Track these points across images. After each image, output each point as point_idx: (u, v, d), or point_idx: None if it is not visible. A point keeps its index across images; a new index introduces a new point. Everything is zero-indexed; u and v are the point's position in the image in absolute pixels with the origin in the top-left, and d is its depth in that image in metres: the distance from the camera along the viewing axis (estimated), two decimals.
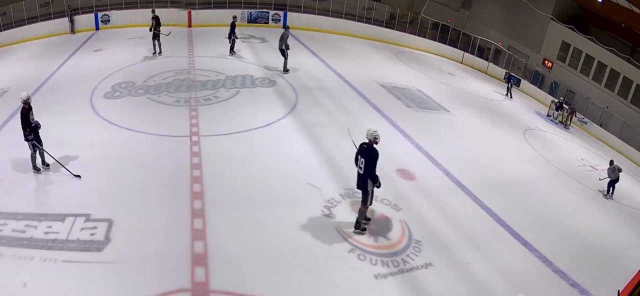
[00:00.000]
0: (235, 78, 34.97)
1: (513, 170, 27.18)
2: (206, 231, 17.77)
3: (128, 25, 53.00)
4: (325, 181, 21.83)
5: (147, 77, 34.29)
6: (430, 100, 35.29)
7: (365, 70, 40.00)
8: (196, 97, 30.91)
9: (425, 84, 39.62)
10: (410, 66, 43.54)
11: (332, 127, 27.74)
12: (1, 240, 17.16)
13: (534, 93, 50.08)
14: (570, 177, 29.59)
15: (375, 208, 19.73)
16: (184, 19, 53.70)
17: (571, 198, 26.56)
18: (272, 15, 55.72)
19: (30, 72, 37.58)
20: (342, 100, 32.47)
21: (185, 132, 25.93)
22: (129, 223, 18.21)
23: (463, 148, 28.02)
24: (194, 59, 39.92)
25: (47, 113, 28.16)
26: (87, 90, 32.06)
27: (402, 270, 16.48)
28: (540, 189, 25.97)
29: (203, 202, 19.66)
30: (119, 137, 25.64)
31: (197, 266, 15.98)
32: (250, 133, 26.33)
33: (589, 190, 28.63)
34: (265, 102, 30.89)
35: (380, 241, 17.85)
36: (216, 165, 22.74)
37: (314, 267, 16.30)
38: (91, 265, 16.03)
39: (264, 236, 17.80)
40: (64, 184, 21.26)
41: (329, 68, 39.94)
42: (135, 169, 22.46)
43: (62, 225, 17.95)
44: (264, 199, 20.15)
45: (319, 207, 19.64)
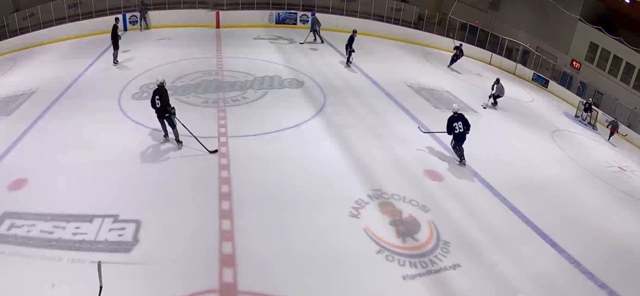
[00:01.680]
0: (263, 79, 35.08)
1: (541, 171, 26.90)
2: (234, 232, 17.86)
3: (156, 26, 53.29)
4: (353, 182, 21.81)
5: (175, 78, 34.50)
6: (458, 101, 35.03)
7: (393, 71, 39.96)
8: (224, 97, 31.09)
9: (453, 85, 39.48)
10: (438, 67, 43.42)
11: (360, 128, 27.69)
12: (29, 241, 17.42)
13: (562, 94, 49.47)
14: (599, 178, 29.14)
15: (403, 209, 19.77)
16: (212, 20, 53.83)
17: (600, 200, 26.15)
18: (300, 16, 55.68)
19: (59, 73, 37.91)
20: (370, 101, 32.42)
21: (214, 132, 26.07)
22: (157, 224, 18.38)
23: (491, 149, 27.91)
24: (222, 59, 39.97)
25: (76, 114, 28.86)
26: (115, 91, 32.38)
27: (430, 270, 16.46)
28: (568, 190, 25.66)
29: (231, 202, 19.74)
30: (147, 137, 25.80)
31: (225, 267, 16.06)
32: (278, 134, 26.39)
33: (618, 191, 28.07)
34: (293, 103, 30.97)
35: (408, 242, 17.84)
36: (244, 166, 22.83)
37: (342, 268, 16.31)
38: (119, 265, 16.20)
39: (292, 237, 17.85)
40: (92, 185, 21.40)
41: (357, 69, 39.86)
42: (164, 170, 22.69)
43: (90, 225, 18.16)
44: (291, 200, 20.19)
45: (347, 208, 19.62)
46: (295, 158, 23.99)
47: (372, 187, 21.30)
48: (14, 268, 16.25)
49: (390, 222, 18.95)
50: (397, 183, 21.79)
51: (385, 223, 18.86)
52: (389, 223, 18.91)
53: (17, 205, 19.96)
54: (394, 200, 20.42)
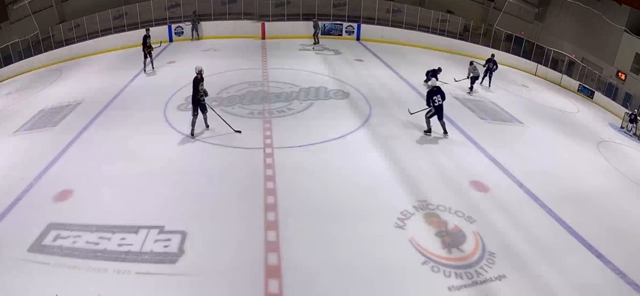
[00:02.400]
0: (309, 90, 35.25)
1: (587, 182, 26.38)
2: (280, 243, 17.90)
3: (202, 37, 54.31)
4: (398, 193, 21.74)
5: (220, 89, 34.91)
6: (504, 111, 34.90)
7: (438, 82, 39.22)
8: (270, 109, 31.33)
9: (498, 96, 39.17)
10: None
11: (405, 139, 27.67)
12: (75, 252, 17.70)
13: (607, 105, 48.71)
14: None
15: (449, 220, 19.73)
16: (257, 31, 54.73)
17: None
18: (346, 27, 56.13)
19: (104, 84, 38.76)
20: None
21: (259, 144, 26.28)
22: (203, 235, 18.55)
23: (536, 159, 27.52)
24: (267, 70, 40.34)
25: (121, 125, 29.43)
26: (160, 102, 32.90)
27: (476, 281, 16.37)
28: (614, 201, 25.07)
29: (277, 213, 19.81)
30: (193, 148, 26.18)
31: (271, 279, 16.11)
32: (324, 145, 26.51)
33: None
34: (339, 114, 31.09)
35: (454, 253, 17.76)
36: (290, 177, 22.91)
37: (387, 280, 16.28)
38: (165, 277, 16.41)
39: (337, 248, 17.85)
40: (138, 196, 21.69)
41: (402, 80, 39.90)
42: (209, 181, 22.83)
43: (136, 237, 18.39)
44: (337, 211, 20.21)
45: (393, 219, 19.56)
46: (341, 169, 24.07)
47: (417, 198, 21.23)
48: (60, 279, 16.49)
49: (435, 233, 18.88)
50: (442, 194, 21.69)
51: (430, 234, 18.79)
52: (434, 234, 18.84)
53: (63, 216, 20.28)
54: (440, 211, 20.34)
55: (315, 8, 56.76)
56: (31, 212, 21.13)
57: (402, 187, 22.29)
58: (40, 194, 22.60)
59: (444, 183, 23.02)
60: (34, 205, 21.74)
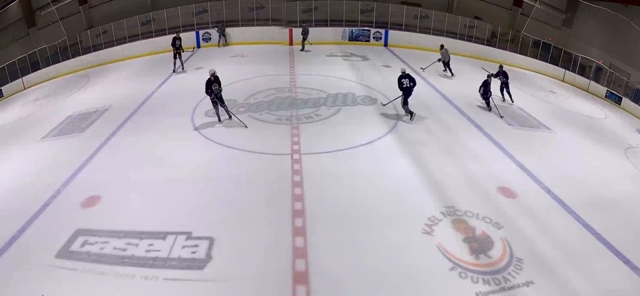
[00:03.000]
0: (336, 96, 35.33)
1: (614, 188, 26.04)
2: (307, 250, 17.98)
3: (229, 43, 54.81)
4: (426, 199, 21.72)
5: (248, 95, 35.20)
6: (531, 117, 34.65)
7: (466, 88, 39.57)
8: (297, 115, 31.44)
9: (526, 102, 38.91)
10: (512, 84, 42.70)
11: (433, 145, 27.63)
12: (103, 258, 17.93)
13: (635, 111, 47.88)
14: None
15: (477, 226, 19.70)
16: (285, 37, 54.90)
17: None
18: (374, 33, 56.05)
19: (132, 90, 39.25)
20: (443, 117, 32.29)
21: (287, 149, 26.38)
22: (231, 241, 18.67)
23: (564, 165, 27.26)
24: (295, 76, 40.48)
25: (149, 131, 29.80)
26: (188, 108, 33.23)
27: (504, 287, 16.32)
28: None
29: (304, 219, 19.89)
30: (220, 154, 26.37)
31: (299, 285, 16.17)
32: (352, 151, 26.53)
33: None
34: (367, 120, 31.04)
35: (481, 259, 17.74)
36: (317, 183, 22.98)
37: (415, 286, 16.34)
38: (192, 283, 16.54)
39: (365, 254, 17.87)
40: (166, 202, 21.90)
41: (429, 85, 39.86)
42: (237, 187, 22.94)
43: (164, 242, 18.57)
44: (365, 217, 20.18)
45: (420, 225, 19.56)
46: (369, 175, 24.02)
47: (445, 204, 21.20)
48: (87, 286, 16.70)
49: (463, 239, 18.87)
50: (470, 200, 21.66)
51: (458, 240, 18.77)
52: (462, 240, 18.83)
53: (90, 222, 20.53)
54: (467, 217, 20.32)
55: (343, 14, 56.89)
56: (59, 218, 21.40)
57: (429, 193, 22.27)
58: (67, 200, 22.85)
59: (472, 189, 22.99)
60: (62, 211, 22.00)
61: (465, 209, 20.87)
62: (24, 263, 18.38)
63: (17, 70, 52.52)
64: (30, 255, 18.85)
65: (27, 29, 59.92)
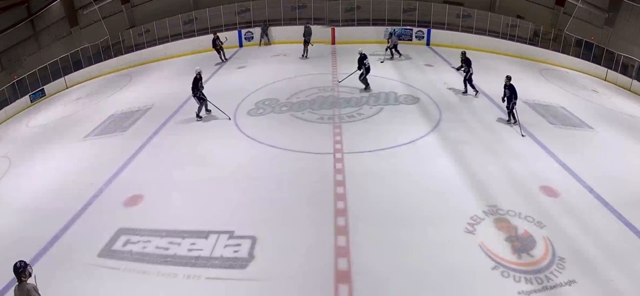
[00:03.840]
0: (379, 95, 35.22)
1: None
2: (350, 249, 18.03)
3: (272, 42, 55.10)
4: (468, 198, 21.64)
5: (290, 94, 35.39)
6: (574, 117, 34.10)
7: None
8: (340, 114, 31.45)
9: (568, 101, 38.27)
10: (554, 83, 42.22)
11: (475, 144, 27.47)
12: (145, 257, 18.26)
13: None
14: None
15: (519, 225, 19.56)
16: (327, 36, 55.01)
17: None
18: (416, 32, 55.72)
19: (174, 89, 39.96)
20: (486, 117, 32.10)
21: (329, 149, 26.48)
22: (273, 240, 18.83)
23: (606, 165, 26.72)
24: (337, 75, 40.59)
25: (191, 130, 30.30)
26: (230, 107, 33.41)
27: (546, 287, 16.18)
28: None
29: (347, 218, 19.93)
30: (263, 154, 26.58)
31: (341, 284, 16.25)
32: (394, 150, 26.48)
33: None
34: (409, 119, 30.94)
35: (523, 258, 17.61)
36: (360, 182, 22.98)
37: (457, 285, 16.31)
38: (235, 282, 16.73)
39: (407, 253, 17.90)
40: (208, 201, 22.14)
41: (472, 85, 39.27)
42: (279, 186, 23.12)
43: (206, 242, 18.80)
44: (407, 216, 20.22)
45: (463, 224, 19.52)
46: (411, 174, 24.02)
47: (487, 203, 21.10)
48: (129, 285, 17.02)
49: (505, 238, 18.76)
50: (512, 199, 21.50)
51: (500, 239, 18.68)
52: (504, 239, 18.72)
53: (133, 221, 20.94)
54: (510, 216, 20.18)
55: (385, 13, 56.59)
56: (101, 217, 21.85)
57: (472, 192, 22.18)
58: (110, 199, 23.31)
59: (514, 188, 22.82)
60: (104, 210, 22.46)
61: (507, 208, 20.74)
62: (67, 262, 18.79)
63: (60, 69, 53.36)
64: (73, 254, 19.24)
65: (69, 28, 60.81)
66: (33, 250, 20.03)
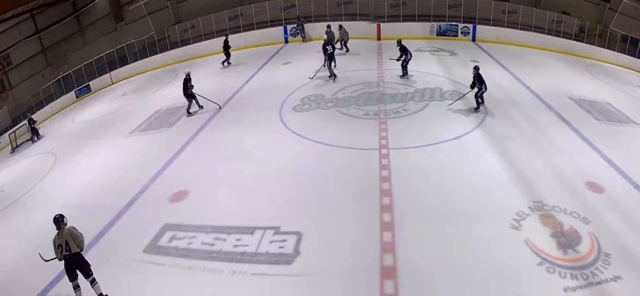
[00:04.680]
0: (424, 91, 35.03)
1: None
2: (395, 244, 18.06)
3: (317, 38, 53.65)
4: (514, 194, 21.49)
5: (336, 90, 35.50)
6: (620, 113, 33.36)
7: (553, 83, 38.74)
8: (385, 109, 31.37)
9: (614, 97, 37.44)
10: (599, 79, 41.62)
11: (521, 140, 27.21)
12: (190, 253, 18.55)
13: None
14: None
15: (564, 221, 19.40)
16: (373, 32, 54.89)
17: None
18: (461, 28, 55.30)
19: (219, 84, 40.68)
20: (531, 112, 31.72)
21: (375, 144, 26.43)
22: (319, 236, 18.96)
23: None
24: (383, 71, 40.58)
25: (237, 126, 30.55)
26: (276, 103, 33.82)
27: (591, 282, 16.07)
28: None
29: (392, 214, 19.94)
30: (308, 149, 26.79)
31: (387, 279, 16.29)
32: (439, 146, 26.43)
33: None
34: (454, 115, 30.75)
35: (569, 254, 17.49)
36: (405, 178, 23.00)
37: (503, 281, 16.27)
38: (280, 278, 16.90)
39: (453, 249, 17.86)
40: (253, 197, 22.33)
41: (517, 80, 39.19)
42: (325, 182, 23.28)
43: (252, 237, 19.03)
44: (452, 212, 20.16)
45: (508, 220, 19.40)
46: (456, 170, 23.91)
47: (533, 199, 20.90)
48: (175, 280, 17.31)
49: (551, 234, 18.61)
50: (558, 195, 21.29)
51: (546, 235, 18.54)
52: (550, 235, 18.57)
53: (178, 217, 21.31)
54: (555, 212, 20.01)
55: (430, 9, 56.24)
56: (147, 213, 22.28)
57: (517, 188, 22.02)
58: (155, 195, 23.78)
59: (560, 184, 22.58)
60: (150, 206, 22.91)
61: (553, 204, 20.54)
62: (112, 257, 19.21)
63: (105, 65, 54.46)
64: (119, 250, 19.69)
65: (115, 24, 61.78)
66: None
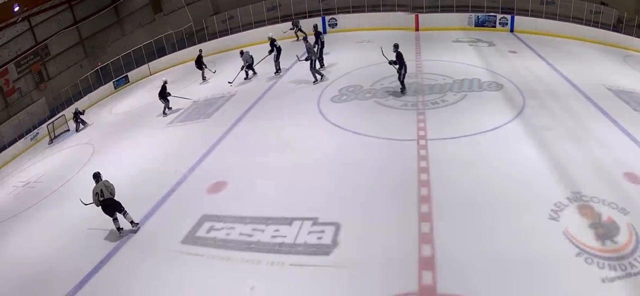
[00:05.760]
0: (462, 81, 34.78)
1: None
2: (433, 235, 18.02)
3: (355, 28, 54.66)
4: (552, 185, 21.27)
5: (374, 81, 35.50)
6: None
7: (591, 74, 38.23)
8: (423, 100, 31.27)
9: None
10: (638, 70, 40.61)
11: (559, 131, 26.86)
12: (229, 244, 18.74)
13: None
14: None
15: (603, 212, 19.15)
16: (411, 23, 54.52)
17: None
18: (500, 18, 54.67)
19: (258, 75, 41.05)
20: (570, 103, 31.31)
21: (413, 135, 26.36)
22: (357, 227, 18.99)
23: None
24: (421, 62, 40.38)
25: (275, 117, 30.91)
26: (314, 93, 34.06)
27: (630, 273, 15.89)
28: None
29: (430, 205, 19.89)
30: (346, 140, 26.82)
31: (425, 270, 16.29)
32: (477, 137, 26.25)
33: None
34: (492, 106, 30.56)
35: (607, 244, 17.27)
36: (443, 168, 22.88)
37: (541, 271, 16.13)
38: (318, 268, 17.02)
39: (491, 240, 17.81)
40: (291, 187, 22.52)
41: (555, 71, 38.61)
42: (363, 173, 23.23)
43: (290, 228, 19.12)
44: (490, 203, 20.09)
45: (546, 211, 19.21)
46: (495, 160, 23.83)
47: (571, 190, 20.69)
48: (213, 271, 17.57)
49: (589, 225, 18.41)
50: (596, 186, 21.03)
51: (584, 226, 18.36)
52: (588, 225, 18.38)
53: (216, 207, 21.55)
54: (593, 203, 19.77)
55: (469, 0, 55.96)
56: (185, 203, 22.68)
57: (555, 179, 21.79)
58: (194, 186, 24.16)
59: (598, 174, 22.31)
60: (188, 196, 23.31)
61: (591, 195, 20.31)
62: (151, 248, 19.65)
63: (143, 56, 55.11)
64: (157, 241, 20.09)
65: (153, 14, 62.51)
66: (117, 236, 21.11)
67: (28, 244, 24.62)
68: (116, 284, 18.52)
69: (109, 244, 21.06)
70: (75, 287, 18.69)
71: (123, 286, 18.25)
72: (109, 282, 18.62)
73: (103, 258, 20.10)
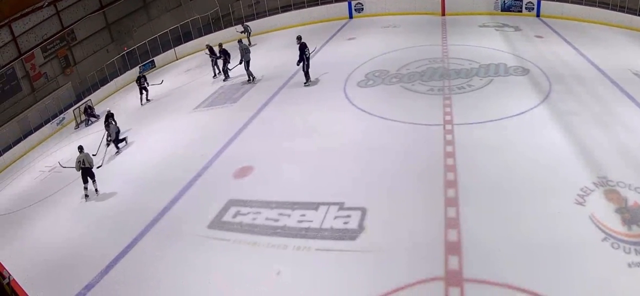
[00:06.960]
0: (488, 66, 34.59)
1: None
2: (460, 220, 18.02)
3: (381, 13, 54.50)
4: (578, 170, 21.16)
5: (400, 66, 35.34)
6: None
7: (618, 59, 37.45)
8: (450, 85, 31.15)
9: None
10: None
11: (585, 116, 26.63)
12: (255, 229, 18.85)
13: None
14: None
15: (629, 196, 18.97)
16: (437, 7, 54.04)
17: None
18: (526, 3, 54.09)
19: (283, 60, 41.24)
20: (596, 88, 30.99)
21: (439, 120, 26.30)
22: (383, 212, 19.00)
23: None
24: (447, 47, 40.15)
25: (301, 101, 31.02)
26: (340, 78, 34.10)
27: None
28: None
29: (457, 190, 19.88)
30: (372, 125, 26.84)
31: (451, 255, 16.29)
32: (504, 121, 26.12)
33: None
34: (519, 91, 30.34)
35: (633, 229, 17.12)
36: (470, 153, 22.87)
37: (567, 256, 16.10)
38: (344, 253, 17.08)
39: (517, 225, 17.74)
40: (318, 172, 22.66)
41: (582, 56, 38.11)
42: (389, 157, 23.26)
43: (316, 213, 19.21)
44: (516, 188, 20.01)
45: (572, 195, 19.10)
46: (521, 145, 23.68)
47: (597, 175, 20.54)
48: (239, 256, 17.73)
49: (615, 210, 18.25)
50: (622, 171, 20.84)
51: (610, 211, 18.19)
52: (614, 210, 18.22)
53: (243, 192, 21.70)
54: (620, 188, 19.60)
55: None
56: (211, 188, 22.86)
57: (581, 164, 21.72)
58: (220, 170, 24.38)
59: (624, 159, 22.14)
60: (214, 181, 23.51)
61: (617, 179, 20.16)
62: (177, 233, 19.87)
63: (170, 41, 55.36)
64: (183, 225, 20.30)
65: None
66: (144, 220, 21.34)
67: (54, 229, 24.92)
68: (142, 269, 18.75)
69: (134, 229, 21.24)
70: (102, 272, 18.95)
71: (149, 271, 18.48)
72: (135, 267, 18.86)
73: (129, 243, 20.33)
